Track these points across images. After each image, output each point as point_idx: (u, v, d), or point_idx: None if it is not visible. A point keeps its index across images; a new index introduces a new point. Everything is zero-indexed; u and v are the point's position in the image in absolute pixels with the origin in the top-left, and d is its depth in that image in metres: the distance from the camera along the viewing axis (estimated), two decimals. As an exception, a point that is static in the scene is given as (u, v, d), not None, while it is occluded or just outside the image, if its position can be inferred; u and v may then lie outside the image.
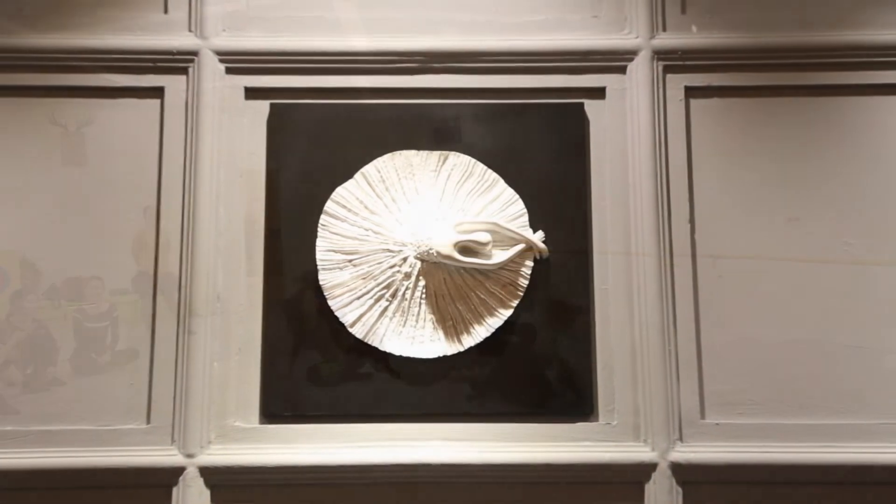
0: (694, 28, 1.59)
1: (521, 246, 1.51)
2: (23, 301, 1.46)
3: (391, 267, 1.51)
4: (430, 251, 1.49)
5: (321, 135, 1.55)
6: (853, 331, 1.50)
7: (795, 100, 1.57)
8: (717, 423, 1.45)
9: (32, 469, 1.39)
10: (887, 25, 1.56)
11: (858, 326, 1.50)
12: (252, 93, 1.57)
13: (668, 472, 1.43)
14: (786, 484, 1.44)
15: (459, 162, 1.55)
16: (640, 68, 1.57)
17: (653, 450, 1.44)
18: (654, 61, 1.57)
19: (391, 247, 1.51)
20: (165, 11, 1.58)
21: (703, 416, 1.47)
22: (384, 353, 1.48)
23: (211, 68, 1.56)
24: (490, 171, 1.55)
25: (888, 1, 1.58)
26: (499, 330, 1.49)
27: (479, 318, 1.50)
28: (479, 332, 1.49)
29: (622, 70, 1.57)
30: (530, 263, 1.52)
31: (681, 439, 1.45)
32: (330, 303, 1.48)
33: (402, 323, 1.49)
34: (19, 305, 1.47)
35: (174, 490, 1.42)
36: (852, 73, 1.56)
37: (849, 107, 1.57)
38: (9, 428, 1.42)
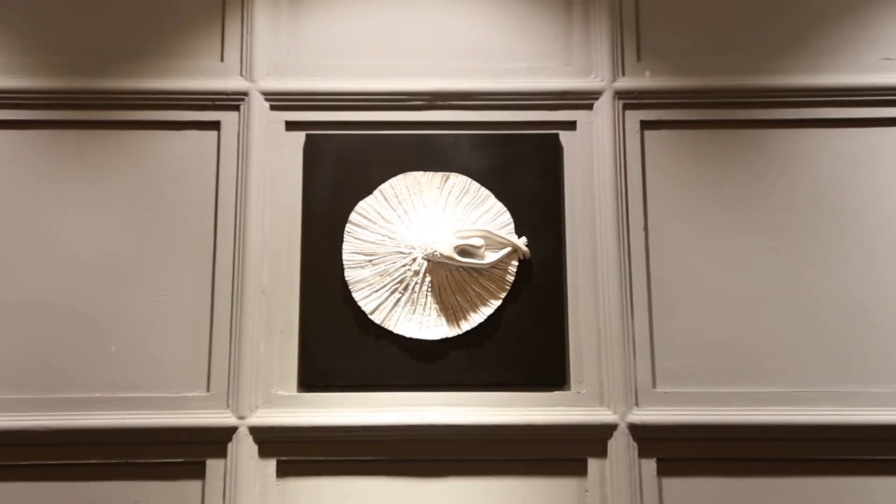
0: (647, 73, 1.75)
1: (508, 249, 1.67)
2: (110, 294, 1.65)
3: (403, 266, 1.68)
4: (435, 253, 1.65)
5: (347, 159, 1.71)
6: (777, 317, 1.66)
7: (731, 132, 1.73)
8: (665, 392, 1.63)
9: (117, 428, 1.59)
10: (806, 70, 1.74)
11: (781, 314, 1.66)
12: (291, 126, 1.73)
13: (627, 431, 1.61)
14: (719, 440, 1.61)
15: (458, 181, 1.71)
16: (604, 106, 1.73)
17: (614, 413, 1.62)
18: (616, 100, 1.73)
19: (403, 249, 1.68)
20: (222, 60, 1.75)
21: (654, 386, 1.64)
22: (397, 335, 1.64)
23: (258, 106, 1.72)
24: (483, 188, 1.70)
25: (806, 52, 1.75)
26: (490, 317, 1.65)
27: (475, 307, 1.66)
28: (475, 319, 1.65)
29: (590, 107, 1.74)
30: (515, 263, 1.67)
31: (637, 404, 1.62)
32: (354, 295, 1.65)
33: (412, 311, 1.66)
34: (107, 298, 1.65)
35: (229, 445, 1.59)
36: (778, 110, 1.73)
37: (774, 138, 1.73)
38: (97, 395, 1.61)
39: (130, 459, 1.60)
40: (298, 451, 1.62)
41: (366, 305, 1.66)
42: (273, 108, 1.74)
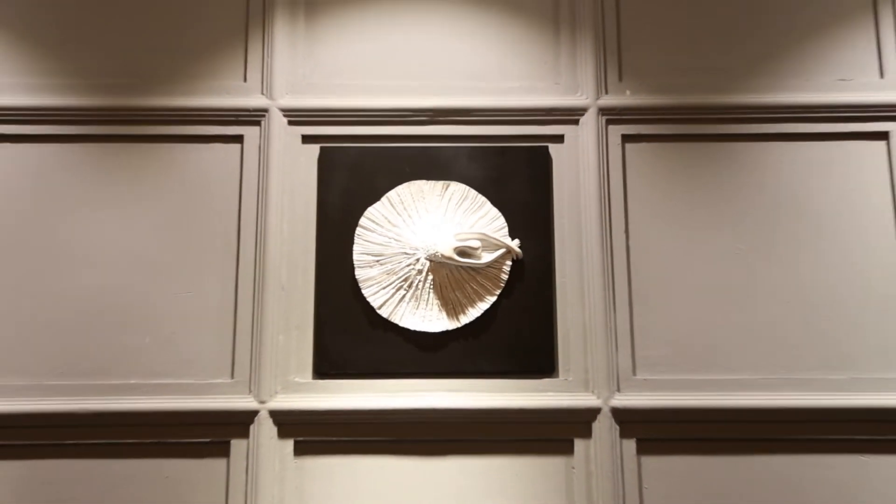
0: (628, 92, 1.85)
1: (502, 250, 1.75)
2: (145, 290, 1.77)
3: (408, 265, 1.76)
4: (436, 254, 1.73)
5: (357, 169, 1.81)
6: (743, 312, 1.76)
7: (703, 145, 1.84)
8: (644, 379, 1.74)
9: (150, 411, 1.70)
10: (770, 90, 1.86)
11: (747, 308, 1.76)
12: (307, 139, 1.82)
13: (609, 414, 1.71)
14: (692, 422, 1.72)
15: (458, 189, 1.79)
16: (588, 121, 1.83)
17: (598, 398, 1.72)
18: (599, 116, 1.83)
19: (408, 250, 1.76)
20: (245, 80, 1.86)
21: (634, 373, 1.74)
22: (403, 328, 1.73)
23: (277, 121, 1.82)
24: (480, 195, 1.79)
25: (771, 73, 1.87)
26: (486, 311, 1.74)
27: (472, 303, 1.75)
28: (472, 313, 1.74)
29: (576, 122, 1.84)
30: (509, 263, 1.76)
31: (618, 390, 1.72)
32: (363, 291, 1.74)
33: (416, 306, 1.74)
34: (142, 294, 1.77)
35: (251, 427, 1.70)
36: (745, 125, 1.83)
37: (742, 150, 1.84)
38: (133, 381, 1.73)
39: (162, 440, 1.72)
40: (314, 432, 1.72)
41: (374, 301, 1.75)
42: (291, 123, 1.84)
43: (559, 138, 1.85)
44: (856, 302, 1.80)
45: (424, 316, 1.75)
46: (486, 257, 1.75)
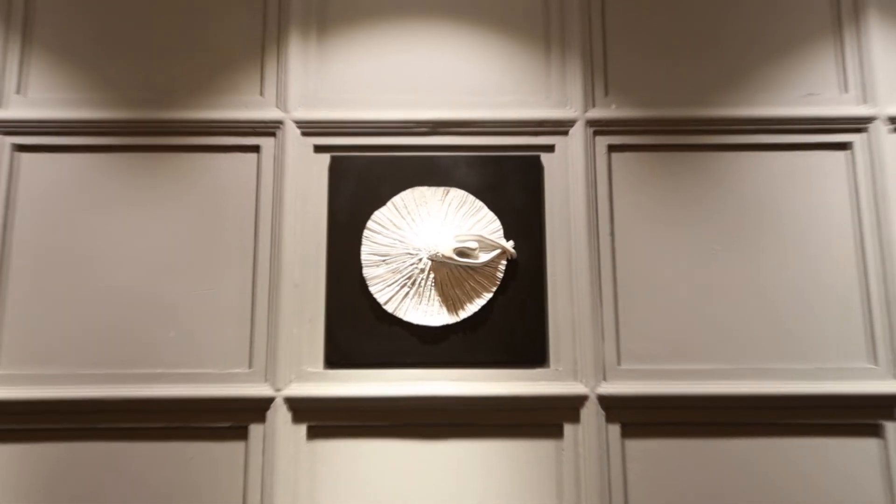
0: (613, 105, 1.96)
1: (498, 250, 1.82)
2: (171, 288, 1.88)
3: (411, 265, 1.84)
4: (437, 254, 1.80)
5: (364, 176, 1.89)
6: (719, 307, 1.86)
7: (682, 154, 1.95)
8: (628, 369, 1.84)
9: (176, 398, 1.81)
10: (744, 103, 1.97)
11: (722, 304, 1.87)
12: (319, 148, 1.91)
13: (596, 401, 1.81)
14: (672, 408, 1.82)
15: (457, 194, 1.86)
16: (577, 132, 1.92)
17: (586, 386, 1.81)
18: (587, 127, 1.93)
19: (411, 251, 1.83)
20: (261, 94, 1.96)
21: (619, 363, 1.84)
22: (406, 322, 1.81)
23: (291, 132, 1.91)
24: (478, 200, 1.86)
25: (744, 88, 1.99)
26: (483, 307, 1.82)
27: (470, 299, 1.82)
28: (470, 309, 1.82)
29: (566, 133, 1.93)
30: (504, 262, 1.84)
31: (604, 379, 1.82)
32: (370, 289, 1.83)
33: (419, 302, 1.82)
34: (167, 291, 1.89)
35: (267, 413, 1.80)
36: (721, 136, 1.94)
37: (718, 159, 1.95)
38: (159, 371, 1.84)
39: (186, 424, 1.84)
40: (325, 418, 1.83)
41: (380, 297, 1.84)
42: (304, 134, 1.94)
43: (550, 148, 1.95)
44: (819, 299, 1.92)
45: (426, 311, 1.83)
46: (483, 257, 1.82)
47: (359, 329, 1.85)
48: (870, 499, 1.84)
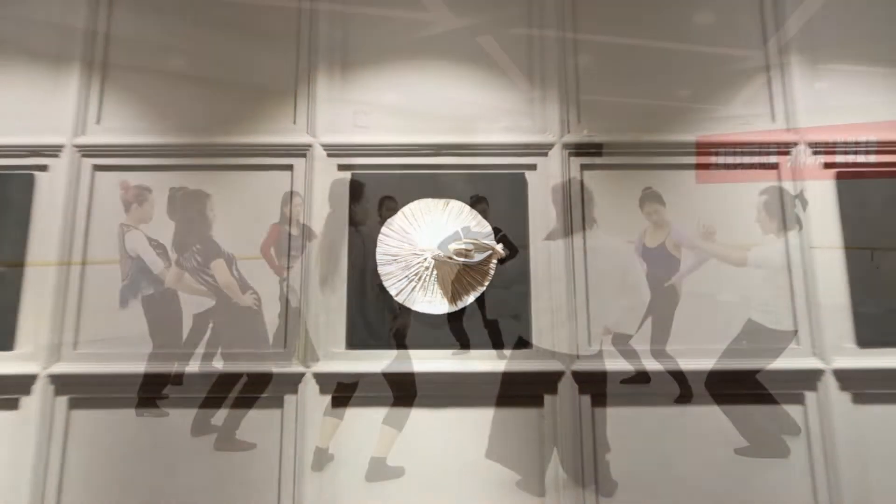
0: (585, 131, 2.36)
1: (490, 251, 2.13)
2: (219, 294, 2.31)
3: (417, 263, 2.15)
4: (439, 255, 2.12)
5: (379, 190, 2.30)
6: (690, 295, 2.24)
7: (642, 171, 2.35)
8: (597, 350, 2.24)
9: (227, 373, 2.23)
10: (692, 131, 2.36)
11: (695, 292, 2.24)
12: (342, 167, 2.34)
13: (570, 376, 2.22)
14: (633, 382, 2.21)
15: (456, 205, 2.19)
16: (555, 154, 2.36)
17: (562, 364, 2.22)
18: (563, 150, 2.35)
19: (417, 252, 2.15)
20: (294, 122, 2.39)
21: (590, 345, 2.24)
22: (415, 311, 2.13)
23: (319, 154, 2.34)
24: (473, 209, 2.20)
25: (694, 118, 2.37)
26: (478, 298, 2.13)
27: (467, 292, 2.14)
28: (467, 299, 2.13)
29: (545, 154, 2.36)
30: (495, 261, 2.15)
31: (578, 358, 2.22)
32: (385, 283, 2.14)
33: (424, 294, 2.13)
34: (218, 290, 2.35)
35: (299, 385, 2.21)
36: (673, 157, 2.35)
37: (671, 175, 2.34)
38: (211, 350, 2.25)
39: (235, 395, 2.24)
40: (346, 390, 2.22)
41: (392, 290, 2.17)
42: (329, 155, 2.37)
43: (533, 167, 2.38)
44: (752, 295, 2.32)
45: (430, 301, 2.15)
46: (478, 257, 2.14)
47: (375, 317, 2.22)
48: (795, 454, 2.19)
